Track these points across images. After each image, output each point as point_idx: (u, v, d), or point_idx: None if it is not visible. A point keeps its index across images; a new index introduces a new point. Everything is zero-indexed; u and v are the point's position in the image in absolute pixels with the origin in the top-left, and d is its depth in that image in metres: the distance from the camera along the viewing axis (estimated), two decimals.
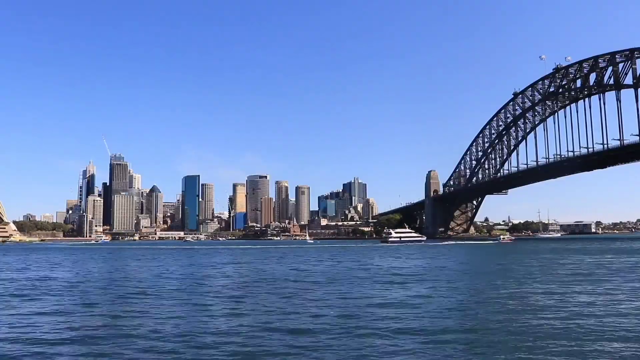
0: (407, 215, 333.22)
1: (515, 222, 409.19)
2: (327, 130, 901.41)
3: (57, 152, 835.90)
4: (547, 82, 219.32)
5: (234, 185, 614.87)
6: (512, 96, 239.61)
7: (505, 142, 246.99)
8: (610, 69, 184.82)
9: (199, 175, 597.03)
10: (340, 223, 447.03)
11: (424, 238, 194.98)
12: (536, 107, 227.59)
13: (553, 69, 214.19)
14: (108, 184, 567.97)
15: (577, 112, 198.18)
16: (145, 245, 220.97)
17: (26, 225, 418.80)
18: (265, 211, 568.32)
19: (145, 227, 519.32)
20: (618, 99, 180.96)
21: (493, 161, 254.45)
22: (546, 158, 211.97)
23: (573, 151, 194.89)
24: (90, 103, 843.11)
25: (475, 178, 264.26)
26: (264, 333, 19.18)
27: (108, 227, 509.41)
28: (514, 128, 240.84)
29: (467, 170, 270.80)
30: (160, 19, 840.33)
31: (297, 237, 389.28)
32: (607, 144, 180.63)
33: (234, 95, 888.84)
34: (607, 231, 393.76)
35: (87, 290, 35.39)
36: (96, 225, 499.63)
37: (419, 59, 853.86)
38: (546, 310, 23.37)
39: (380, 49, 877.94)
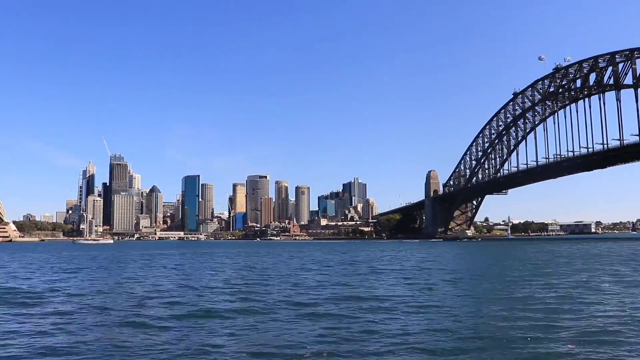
0: (407, 215, 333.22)
1: (515, 222, 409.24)
2: (327, 130, 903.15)
3: (57, 152, 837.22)
4: (547, 82, 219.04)
5: (234, 185, 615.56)
6: (512, 96, 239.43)
7: (505, 142, 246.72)
8: (610, 69, 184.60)
9: (199, 176, 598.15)
10: (340, 223, 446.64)
11: None
12: (536, 107, 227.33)
13: (553, 69, 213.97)
14: (108, 184, 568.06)
15: (577, 112, 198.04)
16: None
17: (26, 225, 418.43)
18: (265, 211, 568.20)
19: (145, 227, 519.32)
20: (618, 99, 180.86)
21: (493, 161, 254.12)
22: (546, 158, 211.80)
23: (573, 151, 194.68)
24: (90, 103, 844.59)
25: (475, 178, 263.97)
26: None
27: (108, 227, 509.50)
28: (514, 128, 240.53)
29: (467, 170, 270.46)
30: (161, 19, 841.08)
31: (297, 238, 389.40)
32: (607, 144, 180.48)
33: (233, 95, 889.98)
34: (607, 231, 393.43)
35: None
36: (96, 226, 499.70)
37: (418, 58, 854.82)
38: None
39: (380, 48, 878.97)
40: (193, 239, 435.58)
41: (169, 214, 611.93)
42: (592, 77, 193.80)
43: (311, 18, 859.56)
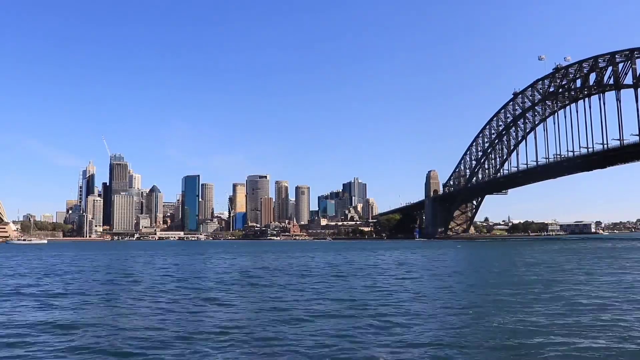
0: (407, 215, 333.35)
1: (515, 222, 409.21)
2: (327, 130, 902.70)
3: (57, 152, 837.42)
4: (547, 82, 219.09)
5: (234, 185, 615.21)
6: (512, 96, 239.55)
7: (505, 142, 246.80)
8: (610, 69, 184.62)
9: (199, 175, 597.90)
10: (340, 223, 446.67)
11: None
12: (536, 107, 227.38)
13: (553, 69, 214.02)
14: (108, 184, 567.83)
15: (577, 112, 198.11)
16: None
17: (26, 225, 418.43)
18: (265, 211, 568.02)
19: (145, 227, 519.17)
20: (618, 99, 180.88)
21: (493, 161, 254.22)
22: (546, 158, 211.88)
23: (573, 151, 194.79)
24: (90, 103, 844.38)
25: (475, 178, 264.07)
26: None
27: (108, 227, 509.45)
28: (514, 128, 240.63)
29: (467, 170, 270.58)
30: (160, 19, 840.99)
31: (297, 237, 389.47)
32: (607, 144, 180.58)
33: (233, 95, 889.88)
34: (607, 231, 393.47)
35: None
36: (96, 225, 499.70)
37: (418, 58, 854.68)
38: None
39: (380, 48, 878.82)
40: (193, 239, 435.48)
41: (169, 214, 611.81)
42: (592, 77, 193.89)
43: (311, 18, 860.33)
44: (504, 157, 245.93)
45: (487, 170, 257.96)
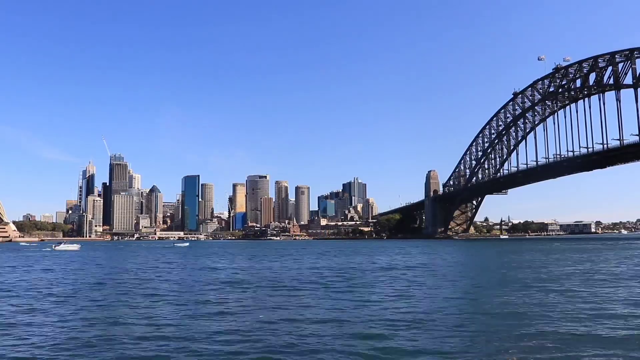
0: (407, 215, 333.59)
1: (515, 222, 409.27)
2: (327, 130, 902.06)
3: (57, 152, 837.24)
4: (546, 82, 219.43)
5: (234, 185, 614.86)
6: (512, 96, 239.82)
7: (505, 142, 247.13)
8: (610, 69, 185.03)
9: (198, 176, 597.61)
10: (340, 223, 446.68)
11: None
12: (536, 107, 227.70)
13: (553, 69, 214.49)
14: (108, 184, 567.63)
15: (577, 112, 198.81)
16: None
17: (26, 225, 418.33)
18: (265, 211, 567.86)
19: (145, 227, 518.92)
20: (618, 99, 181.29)
21: (493, 161, 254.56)
22: (546, 158, 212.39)
23: (573, 151, 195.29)
24: (90, 103, 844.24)
25: (475, 178, 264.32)
26: None
27: (108, 227, 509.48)
28: (514, 128, 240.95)
29: (467, 170, 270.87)
30: (160, 19, 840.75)
31: (297, 237, 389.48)
32: (607, 144, 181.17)
33: (234, 94, 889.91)
34: (607, 231, 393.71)
35: None
36: (96, 225, 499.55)
37: (419, 58, 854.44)
38: None
39: (380, 48, 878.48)
40: (193, 239, 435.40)
41: (169, 214, 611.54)
42: (592, 77, 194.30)
43: (311, 18, 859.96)
44: (504, 157, 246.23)
45: (487, 170, 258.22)
